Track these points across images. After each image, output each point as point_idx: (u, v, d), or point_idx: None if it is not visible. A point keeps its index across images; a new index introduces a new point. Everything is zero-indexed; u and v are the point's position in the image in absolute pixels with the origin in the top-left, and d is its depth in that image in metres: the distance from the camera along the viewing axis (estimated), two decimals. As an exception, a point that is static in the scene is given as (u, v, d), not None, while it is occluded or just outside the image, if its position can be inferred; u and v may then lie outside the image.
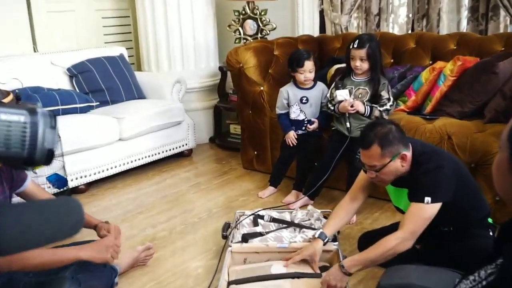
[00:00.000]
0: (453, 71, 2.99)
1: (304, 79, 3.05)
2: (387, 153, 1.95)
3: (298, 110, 3.09)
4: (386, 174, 2.00)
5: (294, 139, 3.05)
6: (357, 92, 2.89)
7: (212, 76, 4.42)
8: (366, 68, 2.83)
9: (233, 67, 3.52)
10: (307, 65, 3.02)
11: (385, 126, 1.97)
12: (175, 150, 3.95)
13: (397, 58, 3.54)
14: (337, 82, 2.92)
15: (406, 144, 1.98)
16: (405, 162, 1.97)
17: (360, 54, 2.80)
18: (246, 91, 3.50)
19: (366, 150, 1.97)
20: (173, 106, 3.84)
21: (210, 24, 4.33)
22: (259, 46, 3.59)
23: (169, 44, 4.20)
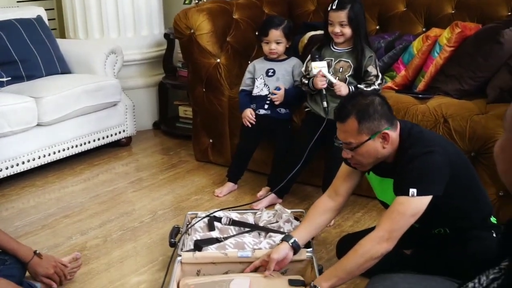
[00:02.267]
0: (450, 40, 3.06)
1: (270, 51, 3.11)
2: (364, 129, 1.98)
3: (262, 83, 3.14)
4: (363, 156, 2.03)
5: (252, 118, 3.10)
6: (337, 66, 2.92)
7: (156, 46, 4.39)
8: (349, 35, 2.87)
9: (182, 34, 3.50)
10: (273, 34, 3.07)
11: (366, 97, 2.01)
12: (109, 139, 3.93)
13: (383, 24, 3.60)
14: (314, 53, 2.95)
15: (391, 122, 2.01)
16: (387, 143, 1.99)
17: (340, 18, 2.84)
18: (199, 64, 3.49)
19: (342, 123, 2.01)
20: (106, 82, 3.81)
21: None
22: (215, 7, 3.58)
23: (100, 4, 4.15)
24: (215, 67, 3.45)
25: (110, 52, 3.94)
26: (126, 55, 4.12)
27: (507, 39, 2.88)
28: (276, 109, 3.10)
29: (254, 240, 2.44)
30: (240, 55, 3.58)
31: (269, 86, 3.13)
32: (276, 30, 3.07)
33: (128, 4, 4.20)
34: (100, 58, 3.92)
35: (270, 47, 3.10)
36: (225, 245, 2.38)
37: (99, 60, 3.92)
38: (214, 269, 2.29)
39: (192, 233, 2.51)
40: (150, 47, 4.36)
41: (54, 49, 3.90)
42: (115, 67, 4.00)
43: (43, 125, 3.49)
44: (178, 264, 2.27)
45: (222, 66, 3.45)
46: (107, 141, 3.92)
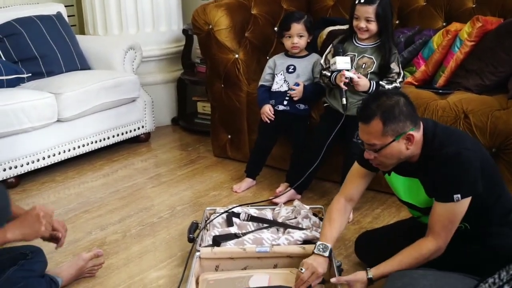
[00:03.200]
0: (471, 35, 3.04)
1: (292, 46, 3.11)
2: (389, 131, 1.96)
3: (282, 80, 3.14)
4: (386, 157, 2.01)
5: (270, 114, 3.10)
6: (360, 61, 2.91)
7: (174, 42, 4.40)
8: (374, 32, 2.86)
9: (200, 30, 3.51)
10: (295, 28, 3.08)
11: (391, 97, 1.99)
12: (128, 134, 3.95)
13: (403, 19, 3.58)
14: (337, 46, 2.93)
15: (416, 123, 1.99)
16: (411, 144, 1.99)
17: (367, 13, 2.82)
18: (217, 60, 3.50)
19: (366, 124, 1.98)
20: (125, 78, 3.83)
21: None
22: (233, 3, 3.59)
23: (119, 0, 4.17)
24: (233, 63, 3.46)
25: (129, 48, 3.97)
26: (144, 51, 4.13)
27: (529, 33, 2.86)
28: (295, 105, 3.11)
29: (272, 236, 2.45)
30: (259, 51, 3.59)
31: (289, 82, 3.13)
32: (298, 24, 3.07)
33: (147, 0, 4.22)
34: (119, 54, 3.94)
35: (293, 41, 3.09)
36: (244, 241, 2.40)
37: (118, 56, 3.94)
38: (232, 264, 2.30)
39: (211, 228, 2.52)
40: (168, 43, 4.38)
41: (73, 46, 3.93)
42: (134, 63, 4.02)
43: (63, 121, 3.52)
44: (196, 260, 2.29)
45: (240, 62, 3.46)
46: (126, 137, 3.95)
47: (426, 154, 2.02)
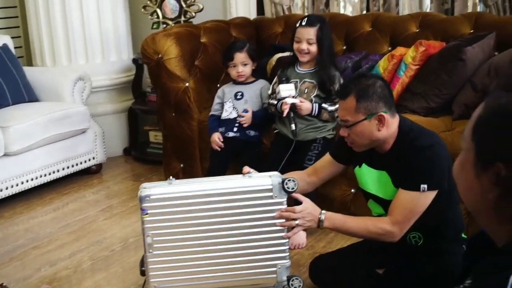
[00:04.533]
0: (415, 59, 3.12)
1: (237, 74, 3.17)
2: (362, 109, 2.02)
3: (231, 107, 3.19)
4: (357, 135, 2.07)
5: (219, 142, 3.13)
6: (302, 87, 2.97)
7: (124, 71, 4.40)
8: (314, 54, 2.93)
9: (150, 59, 3.52)
10: (238, 57, 3.15)
11: (369, 78, 2.08)
12: (79, 166, 3.92)
13: (350, 44, 3.65)
14: (280, 75, 3.00)
15: (389, 107, 2.05)
16: (383, 126, 2.03)
17: (309, 34, 2.89)
18: (168, 89, 3.51)
19: (342, 101, 2.09)
20: (74, 110, 3.81)
21: (120, 5, 4.32)
22: (183, 32, 3.62)
23: (67, 31, 4.16)
24: (184, 91, 3.47)
25: (78, 79, 3.94)
26: (94, 81, 4.11)
27: (469, 56, 2.95)
28: (245, 132, 3.14)
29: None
30: (209, 79, 3.61)
31: (237, 109, 3.17)
32: (241, 53, 3.14)
33: (96, 30, 4.22)
34: (67, 85, 3.91)
35: (238, 70, 3.16)
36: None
37: (67, 87, 3.91)
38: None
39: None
40: (118, 73, 4.37)
41: (20, 78, 3.88)
42: (83, 93, 3.99)
43: (10, 155, 3.47)
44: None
45: (191, 90, 3.48)
46: (77, 169, 3.91)
47: (399, 145, 2.07)
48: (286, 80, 2.96)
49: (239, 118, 3.13)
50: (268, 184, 2.10)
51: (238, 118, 3.13)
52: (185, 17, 4.17)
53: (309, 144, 2.92)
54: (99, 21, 4.22)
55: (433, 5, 3.84)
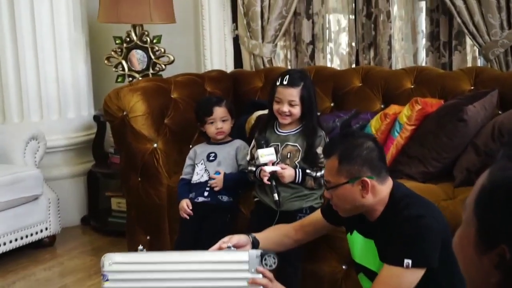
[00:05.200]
0: (411, 118, 3.14)
1: (217, 131, 3.16)
2: (343, 171, 2.05)
3: (203, 169, 3.17)
4: (339, 198, 2.11)
5: (188, 209, 3.09)
6: (284, 151, 2.94)
7: (84, 129, 4.40)
8: (297, 116, 2.92)
9: (113, 117, 3.50)
10: (218, 112, 3.14)
11: (357, 138, 2.11)
12: (29, 239, 3.85)
13: (338, 101, 3.68)
14: (258, 139, 2.97)
15: (377, 172, 2.06)
16: (367, 193, 2.04)
17: (291, 96, 2.87)
18: (133, 150, 3.47)
19: (326, 159, 2.18)
20: (26, 173, 3.78)
21: (81, 56, 4.35)
22: (151, 86, 3.62)
23: (20, 83, 4.16)
24: (151, 153, 3.44)
25: (31, 138, 3.92)
26: (49, 141, 4.09)
27: (471, 116, 2.98)
28: (217, 197, 3.11)
29: None
30: (180, 139, 3.60)
31: (209, 171, 3.15)
32: (220, 107, 3.14)
33: (52, 83, 4.22)
34: (18, 145, 3.89)
35: (217, 126, 3.14)
36: None
37: (18, 148, 3.88)
38: None
39: None
40: (77, 131, 4.36)
41: (-36, 136, 3.85)
42: (37, 155, 3.97)
43: (-52, 226, 3.40)
44: None
45: (159, 152, 3.45)
46: (26, 242, 3.83)
47: (388, 213, 2.07)
48: (265, 143, 2.93)
49: (210, 181, 3.11)
50: (245, 257, 2.07)
51: (209, 181, 3.11)
52: (154, 69, 4.20)
53: (294, 214, 2.87)
54: (56, 72, 4.23)
55: (429, 59, 3.92)
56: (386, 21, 3.95)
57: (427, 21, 3.92)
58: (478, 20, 3.53)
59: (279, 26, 4.14)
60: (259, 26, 4.17)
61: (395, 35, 3.99)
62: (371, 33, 4.02)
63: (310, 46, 4.19)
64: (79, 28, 4.33)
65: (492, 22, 3.50)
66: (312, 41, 4.19)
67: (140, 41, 4.21)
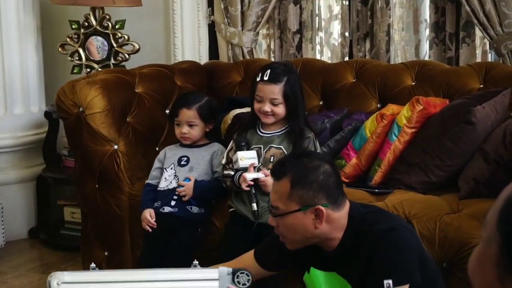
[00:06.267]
0: (411, 120, 3.13)
1: (181, 135, 3.18)
2: (296, 197, 2.06)
3: (172, 175, 3.16)
4: (288, 228, 2.10)
5: (151, 220, 3.08)
6: (268, 154, 2.95)
7: (33, 128, 4.36)
8: (281, 115, 2.92)
9: (67, 114, 3.46)
10: (184, 115, 3.15)
11: (313, 160, 2.12)
12: None
13: (328, 99, 3.68)
14: (238, 140, 2.98)
15: (333, 200, 2.08)
16: (321, 223, 2.05)
17: (273, 93, 2.87)
18: (90, 153, 3.44)
19: (275, 181, 2.16)
20: None
21: (31, 43, 4.31)
22: (112, 79, 3.58)
23: None
24: (111, 156, 3.42)
25: None
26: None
27: (480, 118, 2.98)
28: (185, 207, 3.10)
29: None
30: (145, 140, 3.58)
31: (179, 177, 3.14)
32: (189, 110, 3.13)
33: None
34: None
35: (181, 130, 3.15)
36: None
37: None
38: None
39: None
40: (25, 130, 4.33)
41: None
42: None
43: None
44: None
45: (120, 155, 3.42)
46: None
47: (350, 238, 2.08)
48: (246, 146, 2.94)
49: (178, 189, 3.09)
50: (215, 275, 2.09)
51: (177, 189, 3.10)
52: (116, 59, 4.16)
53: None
54: (2, 61, 4.18)
55: (433, 52, 3.91)
56: (385, 8, 3.92)
57: (431, 9, 3.90)
58: (490, 8, 3.52)
59: (262, 12, 4.11)
60: (238, 12, 4.15)
61: (394, 25, 3.96)
62: (367, 21, 4.00)
63: (297, 35, 4.16)
64: (29, 10, 4.26)
65: (505, 11, 3.50)
66: (299, 29, 4.16)
67: (100, 27, 4.16)
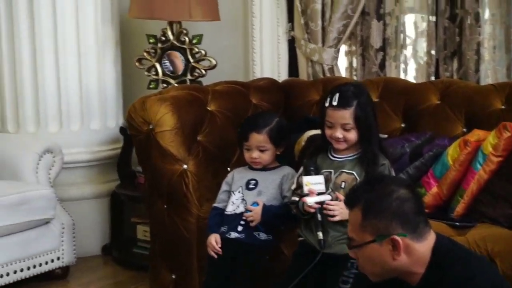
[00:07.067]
0: (497, 148, 3.02)
1: (251, 160, 3.14)
2: (368, 227, 2.00)
3: (240, 199, 3.12)
4: (365, 260, 2.05)
5: (216, 246, 3.05)
6: (338, 180, 2.88)
7: (109, 143, 4.41)
8: (353, 141, 2.85)
9: (137, 131, 3.47)
10: (255, 139, 3.10)
11: (388, 186, 2.05)
12: (37, 269, 3.85)
13: (410, 122, 3.58)
14: (307, 164, 2.93)
15: (411, 228, 2.00)
16: (398, 254, 1.98)
17: (344, 119, 2.81)
18: (159, 172, 3.42)
19: (349, 211, 2.10)
20: (35, 192, 3.80)
21: (109, 57, 4.36)
22: (183, 95, 3.57)
23: (37, 87, 4.17)
24: (180, 176, 3.38)
25: (45, 151, 3.93)
26: (68, 155, 4.11)
27: None
28: (252, 233, 3.04)
29: None
30: (216, 160, 3.53)
31: (247, 201, 3.09)
32: (259, 134, 3.08)
33: (74, 88, 4.23)
34: (30, 159, 3.90)
35: (251, 155, 3.11)
36: None
37: (29, 162, 3.90)
38: None
39: None
40: (102, 145, 4.37)
41: (-32, 146, 3.89)
42: (51, 171, 3.97)
43: None
44: None
45: (190, 175, 3.38)
46: (34, 273, 3.82)
47: (431, 275, 2.01)
48: (314, 171, 2.88)
49: (245, 213, 3.04)
50: None
51: (245, 213, 3.05)
52: (192, 75, 4.18)
53: (344, 260, 2.75)
54: (79, 75, 4.24)
55: (528, 73, 3.79)
56: (474, 25, 3.81)
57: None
58: None
59: (343, 28, 4.07)
60: (319, 27, 4.11)
61: (484, 43, 3.84)
62: (455, 39, 3.89)
63: (380, 52, 4.08)
64: (108, 24, 4.32)
65: None
66: (382, 46, 4.08)
67: (177, 41, 4.18)
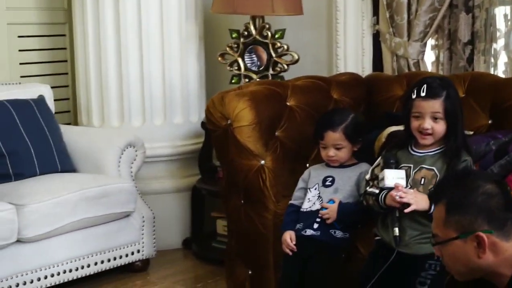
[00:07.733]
0: None
1: (327, 158, 3.12)
2: (453, 223, 1.96)
3: (316, 196, 3.09)
4: (449, 257, 2.02)
5: (291, 244, 3.02)
6: (417, 175, 2.81)
7: (191, 137, 4.42)
8: (441, 134, 2.79)
9: (216, 126, 3.44)
10: (330, 137, 3.07)
11: (475, 181, 2.01)
12: (117, 261, 3.90)
13: (498, 118, 3.44)
14: (387, 156, 2.87)
15: (498, 225, 1.94)
16: (484, 252, 1.92)
17: (433, 108, 2.76)
18: (236, 167, 3.39)
19: (434, 206, 2.10)
20: (117, 186, 3.84)
21: (193, 52, 4.38)
22: (262, 90, 3.52)
23: (121, 82, 4.23)
24: (257, 172, 3.34)
25: (128, 145, 3.98)
26: (150, 149, 4.15)
27: None
28: (328, 230, 2.99)
29: None
30: (293, 156, 3.48)
31: (323, 199, 3.06)
32: (334, 132, 3.05)
33: (158, 83, 4.26)
34: (113, 152, 3.95)
35: (328, 153, 3.09)
36: None
37: (112, 155, 3.95)
38: None
39: None
40: (184, 139, 4.38)
41: (54, 140, 3.95)
42: (133, 164, 4.01)
43: (25, 242, 3.47)
44: None
45: (267, 171, 3.34)
46: (114, 265, 3.87)
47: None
48: (394, 164, 2.82)
49: (321, 211, 3.00)
50: None
51: (321, 211, 3.00)
52: (274, 70, 4.16)
53: (422, 261, 2.71)
54: (163, 70, 4.26)
55: None
56: None
57: None
58: None
59: (430, 21, 3.96)
60: (405, 21, 4.02)
61: None
62: None
63: (469, 46, 3.94)
64: (191, 19, 4.32)
65: None
66: (471, 40, 3.94)
67: (260, 36, 4.16)
